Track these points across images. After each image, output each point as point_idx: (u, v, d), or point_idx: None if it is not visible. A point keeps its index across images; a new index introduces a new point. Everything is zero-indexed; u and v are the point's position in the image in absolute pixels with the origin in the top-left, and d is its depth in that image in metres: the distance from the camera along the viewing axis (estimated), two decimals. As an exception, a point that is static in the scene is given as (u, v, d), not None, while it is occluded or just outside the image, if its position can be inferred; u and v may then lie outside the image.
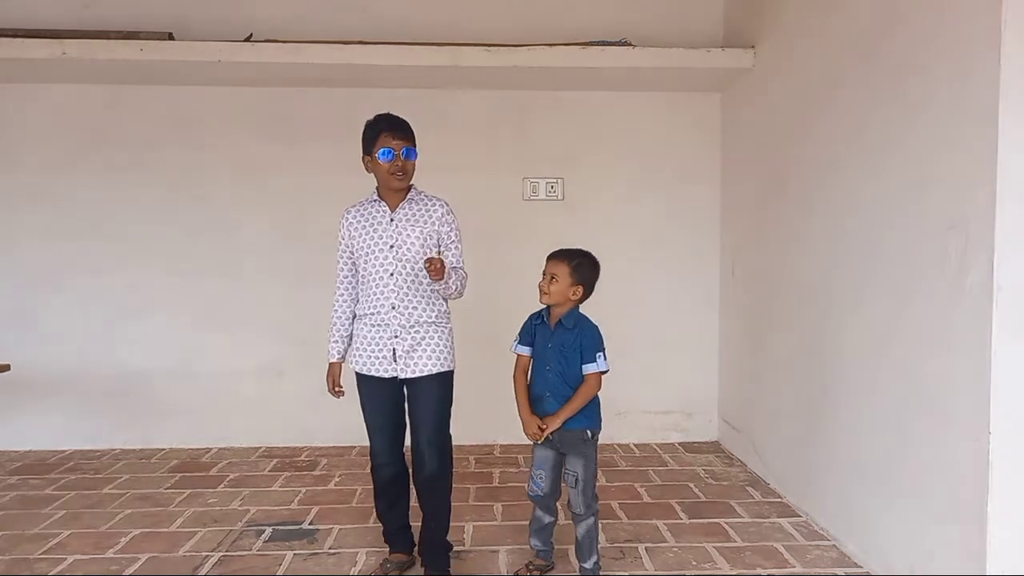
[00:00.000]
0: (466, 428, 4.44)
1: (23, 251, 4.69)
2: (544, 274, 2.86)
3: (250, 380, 4.78)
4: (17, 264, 4.70)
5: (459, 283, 2.88)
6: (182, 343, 4.75)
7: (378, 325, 2.83)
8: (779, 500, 3.76)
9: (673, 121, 4.87)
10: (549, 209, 4.85)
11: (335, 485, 4.01)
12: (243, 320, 4.77)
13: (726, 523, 3.44)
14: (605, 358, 2.83)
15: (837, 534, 3.22)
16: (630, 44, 4.36)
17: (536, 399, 2.83)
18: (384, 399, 2.87)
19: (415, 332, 2.82)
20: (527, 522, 3.38)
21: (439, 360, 2.84)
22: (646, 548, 3.15)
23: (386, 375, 2.82)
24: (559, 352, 2.80)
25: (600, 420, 2.91)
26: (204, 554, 3.11)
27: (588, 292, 2.93)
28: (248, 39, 4.29)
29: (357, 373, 2.90)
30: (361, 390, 2.91)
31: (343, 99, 4.73)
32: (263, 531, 3.36)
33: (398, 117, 2.95)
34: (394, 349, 2.81)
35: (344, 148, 4.67)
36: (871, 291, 2.94)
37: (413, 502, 2.98)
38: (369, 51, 4.22)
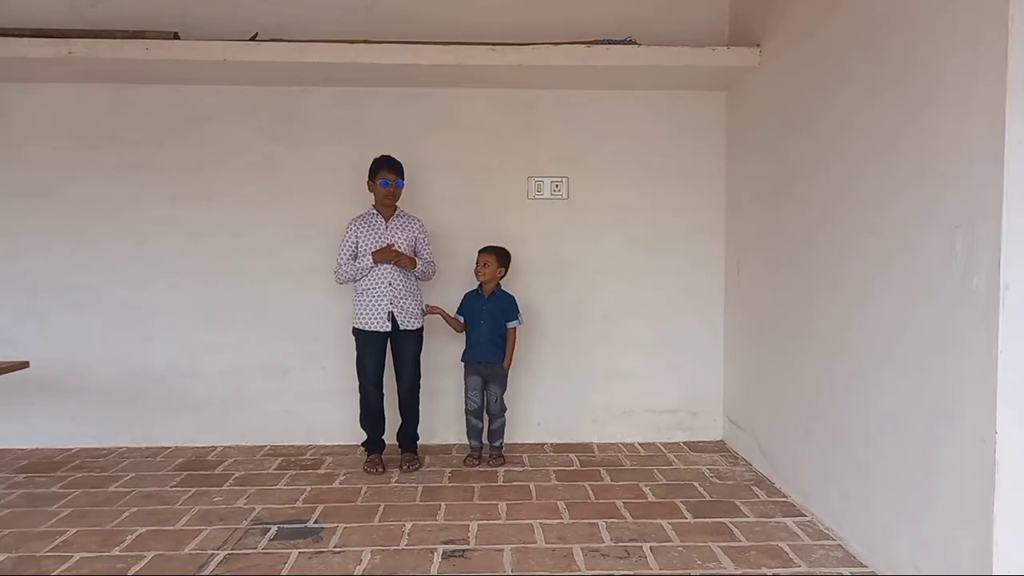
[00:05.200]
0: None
1: (30, 250, 4.71)
2: (479, 263, 4.35)
3: (255, 378, 4.79)
4: (24, 262, 4.71)
5: (426, 269, 4.32)
6: (188, 341, 4.77)
7: (378, 296, 4.16)
8: (784, 499, 3.76)
9: (678, 120, 4.85)
10: (554, 208, 4.85)
11: (340, 484, 4.01)
12: (248, 319, 4.78)
13: (731, 523, 3.44)
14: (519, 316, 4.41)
15: (842, 534, 3.22)
16: (635, 43, 4.34)
17: (474, 345, 4.34)
18: (379, 347, 4.22)
19: (403, 301, 4.20)
20: (531, 521, 3.42)
21: (419, 318, 4.31)
22: (651, 547, 3.15)
23: (382, 329, 4.18)
24: (491, 315, 4.32)
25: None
26: (209, 552, 3.11)
27: (506, 272, 4.41)
28: (253, 38, 4.30)
29: (359, 330, 4.21)
30: (359, 339, 4.23)
31: (348, 98, 4.74)
32: (268, 529, 3.36)
33: (394, 159, 4.24)
34: (390, 312, 4.17)
35: (349, 147, 4.71)
36: (877, 290, 2.93)
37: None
38: (374, 50, 4.22)
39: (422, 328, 4.32)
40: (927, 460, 2.58)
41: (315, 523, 3.44)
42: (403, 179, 4.24)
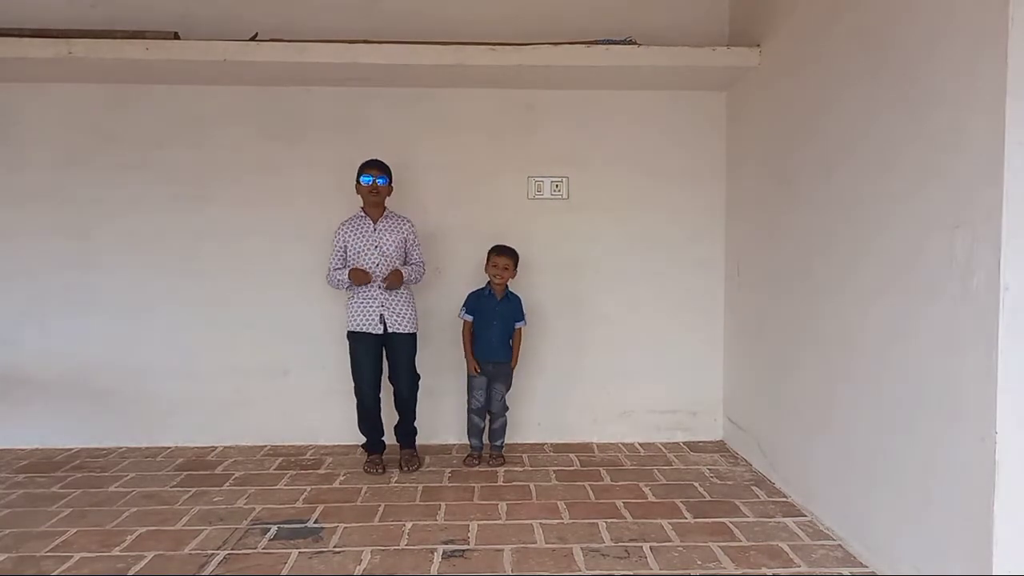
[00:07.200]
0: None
1: (30, 250, 4.71)
2: (499, 267, 4.30)
3: (255, 379, 4.79)
4: (23, 263, 4.71)
5: (415, 272, 4.26)
6: (188, 341, 4.76)
7: (369, 299, 4.14)
8: (784, 499, 3.76)
9: (678, 120, 4.85)
10: (554, 208, 4.85)
11: (340, 484, 4.01)
12: (249, 319, 4.77)
13: (731, 523, 3.44)
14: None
15: (842, 533, 3.22)
16: (635, 43, 4.34)
17: (484, 345, 4.32)
18: (373, 350, 4.19)
19: (394, 305, 4.16)
20: (531, 521, 3.42)
21: (412, 322, 4.25)
22: (651, 547, 3.15)
23: (374, 331, 4.14)
24: (503, 317, 4.34)
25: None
26: (209, 552, 3.11)
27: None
28: (253, 38, 4.30)
29: (352, 332, 4.17)
30: (353, 342, 4.19)
31: (348, 98, 4.73)
32: (268, 529, 3.36)
33: (378, 159, 4.20)
34: (381, 314, 4.14)
35: (349, 147, 4.71)
36: (876, 290, 2.93)
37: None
38: (374, 50, 4.22)
39: (415, 333, 4.27)
40: (927, 460, 2.59)
41: (315, 523, 3.44)
42: (387, 178, 4.15)
